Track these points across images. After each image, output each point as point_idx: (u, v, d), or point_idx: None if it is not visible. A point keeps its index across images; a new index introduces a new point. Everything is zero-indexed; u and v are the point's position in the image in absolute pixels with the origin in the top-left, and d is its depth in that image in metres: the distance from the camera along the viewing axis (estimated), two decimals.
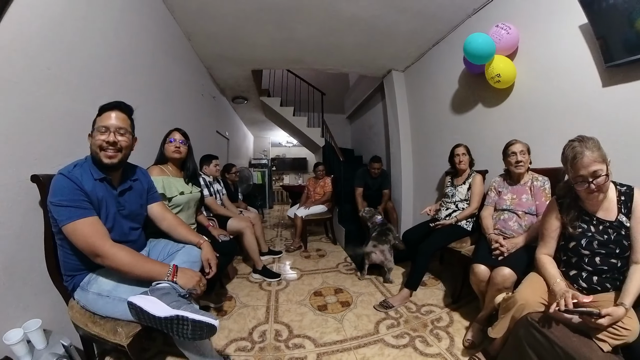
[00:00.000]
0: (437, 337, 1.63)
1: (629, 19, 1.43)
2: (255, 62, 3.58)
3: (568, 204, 1.19)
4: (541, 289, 1.18)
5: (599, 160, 1.03)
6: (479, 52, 2.11)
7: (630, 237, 1.07)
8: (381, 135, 4.47)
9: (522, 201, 1.71)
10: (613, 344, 0.95)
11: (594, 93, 1.66)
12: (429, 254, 1.99)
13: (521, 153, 1.70)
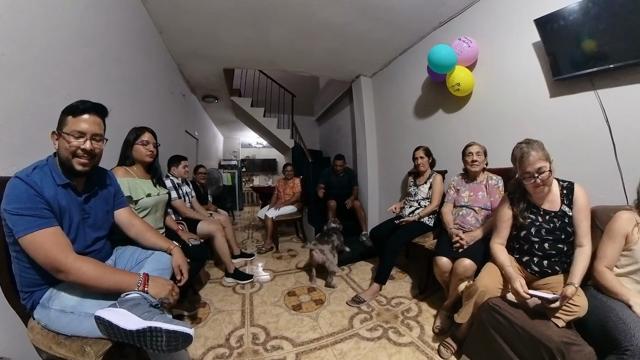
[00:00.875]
0: (409, 326, 1.71)
1: (576, 40, 1.64)
2: (227, 61, 3.45)
3: (518, 198, 1.34)
4: (499, 276, 1.30)
5: (543, 158, 1.18)
6: (442, 62, 2.27)
7: (573, 224, 1.23)
8: (348, 138, 4.57)
9: (479, 198, 1.85)
10: (566, 319, 1.09)
11: (542, 102, 1.88)
12: (395, 249, 2.08)
13: (477, 154, 1.86)
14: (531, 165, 1.19)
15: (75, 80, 1.42)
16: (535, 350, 1.07)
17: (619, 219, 1.12)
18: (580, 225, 1.21)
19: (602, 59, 1.56)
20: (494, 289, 1.26)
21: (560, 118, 1.78)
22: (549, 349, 1.02)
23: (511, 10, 2.02)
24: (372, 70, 3.58)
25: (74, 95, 1.23)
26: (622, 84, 1.53)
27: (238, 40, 2.81)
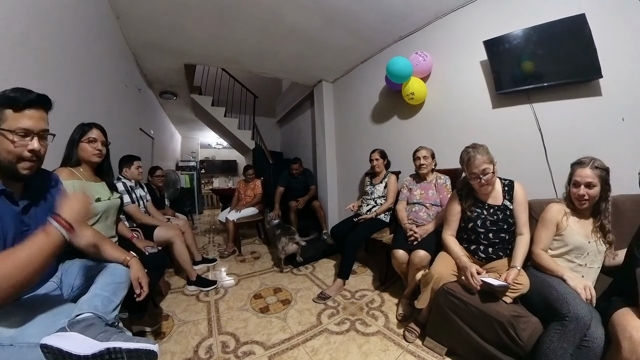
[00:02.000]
0: (374, 317, 1.77)
1: (517, 61, 1.90)
2: (189, 56, 3.15)
3: (465, 194, 1.49)
4: (451, 263, 1.43)
5: (487, 161, 1.33)
6: (399, 73, 2.42)
7: (513, 216, 1.41)
8: (309, 140, 4.59)
9: (429, 195, 2.00)
10: (512, 296, 1.23)
11: (486, 112, 2.14)
12: (355, 245, 2.14)
13: (424, 158, 2.01)
14: (477, 167, 1.33)
15: (7, 62, 1.12)
16: (489, 325, 1.19)
17: (550, 210, 1.29)
18: (520, 217, 1.39)
19: (538, 78, 1.84)
20: (448, 275, 1.37)
21: (501, 126, 2.06)
22: (501, 322, 1.15)
23: (464, 31, 2.26)
24: (334, 76, 3.64)
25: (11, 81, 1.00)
26: (552, 99, 1.84)
27: (202, 35, 2.60)
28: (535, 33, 1.80)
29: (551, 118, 1.84)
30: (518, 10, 1.94)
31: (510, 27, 1.89)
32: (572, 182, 1.22)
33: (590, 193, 1.16)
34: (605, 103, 1.66)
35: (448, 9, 2.31)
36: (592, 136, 1.68)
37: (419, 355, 1.40)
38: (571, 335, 0.96)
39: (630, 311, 0.90)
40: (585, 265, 1.19)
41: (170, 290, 2.16)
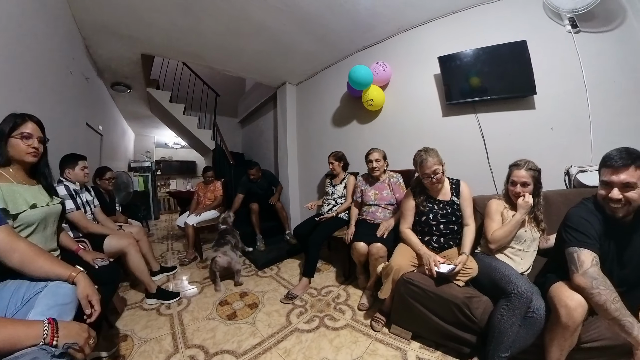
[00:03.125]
0: (341, 311, 1.79)
1: (466, 76, 2.14)
2: (148, 46, 2.78)
3: (419, 191, 1.62)
4: (409, 254, 1.53)
5: (437, 163, 1.48)
6: (361, 80, 2.51)
7: (460, 210, 1.56)
8: (270, 141, 4.49)
9: (384, 196, 2.04)
10: (464, 280, 1.36)
11: (437, 120, 2.37)
12: (318, 243, 2.16)
13: (376, 161, 2.04)
14: (429, 168, 1.47)
15: None
16: (446, 308, 1.31)
17: (493, 204, 1.45)
18: (466, 211, 1.55)
19: (483, 92, 2.10)
20: (406, 266, 1.46)
21: (449, 132, 2.29)
22: (457, 304, 1.27)
23: (421, 47, 2.48)
24: (298, 79, 3.61)
25: None
26: (494, 110, 2.12)
27: (164, 24, 2.33)
28: (484, 53, 2.07)
29: (493, 126, 2.13)
30: (470, 32, 2.20)
31: (462, 47, 2.14)
32: (510, 181, 1.40)
33: (526, 191, 1.34)
34: (538, 115, 1.98)
35: (409, 25, 2.50)
36: (526, 142, 1.98)
37: (387, 342, 1.47)
38: (517, 308, 1.09)
39: (564, 284, 1.03)
40: (523, 250, 1.37)
41: (127, 307, 1.90)
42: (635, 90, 1.75)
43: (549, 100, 1.94)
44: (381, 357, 1.37)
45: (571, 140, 1.88)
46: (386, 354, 1.39)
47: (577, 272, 0.96)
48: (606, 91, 1.80)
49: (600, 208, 1.04)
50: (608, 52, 1.82)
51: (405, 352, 1.39)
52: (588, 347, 1.05)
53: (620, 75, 1.79)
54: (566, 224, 1.09)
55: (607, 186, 0.99)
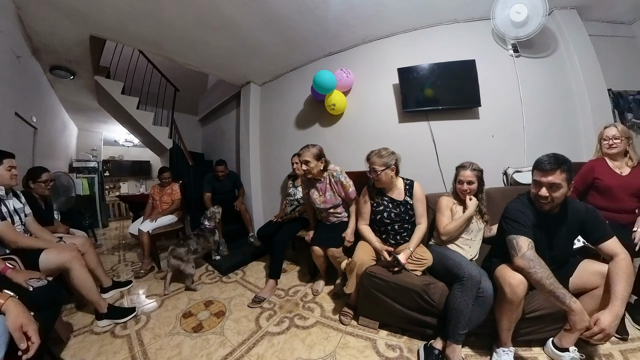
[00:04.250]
0: (310, 309, 1.78)
1: (421, 87, 2.33)
2: (99, 27, 2.34)
3: (376, 193, 1.69)
4: (370, 250, 1.60)
5: (378, 162, 1.55)
6: (324, 85, 2.55)
7: (413, 209, 1.66)
8: (232, 142, 4.27)
9: (328, 198, 1.90)
10: (421, 269, 1.47)
11: (393, 126, 2.54)
12: (283, 244, 2.13)
13: (305, 163, 1.81)
14: (371, 165, 1.58)
15: None
16: (408, 295, 1.40)
17: (443, 200, 1.58)
18: (418, 210, 1.64)
19: (435, 102, 2.32)
20: (368, 260, 1.52)
21: (405, 137, 2.46)
22: (416, 291, 1.37)
23: (383, 58, 2.63)
24: (263, 80, 3.49)
25: None
26: (445, 119, 2.38)
27: (121, 3, 1.96)
28: (438, 68, 2.29)
29: (443, 133, 2.37)
30: (427, 48, 2.44)
31: (420, 61, 2.35)
32: (457, 181, 1.55)
33: (471, 188, 1.50)
34: (481, 124, 2.30)
35: (374, 36, 2.64)
36: (471, 147, 2.24)
37: (357, 334, 1.51)
38: (469, 290, 1.22)
39: (506, 266, 1.18)
40: (471, 239, 1.52)
41: (74, 333, 1.59)
42: (561, 106, 2.19)
43: (491, 112, 2.27)
44: (353, 349, 1.40)
45: (508, 146, 2.23)
46: (357, 345, 1.43)
47: (516, 256, 1.11)
48: (538, 106, 2.21)
49: (532, 202, 1.21)
50: (541, 74, 2.24)
51: (374, 341, 1.45)
52: (531, 316, 1.25)
53: (550, 94, 2.22)
54: (505, 216, 1.24)
55: (538, 185, 1.15)
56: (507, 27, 2.14)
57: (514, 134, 2.22)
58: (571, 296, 1.01)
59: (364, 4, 2.15)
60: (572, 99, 2.19)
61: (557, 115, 2.20)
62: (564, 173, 1.09)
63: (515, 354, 1.23)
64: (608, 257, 1.12)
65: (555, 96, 2.21)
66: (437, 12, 2.30)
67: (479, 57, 2.24)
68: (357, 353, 1.37)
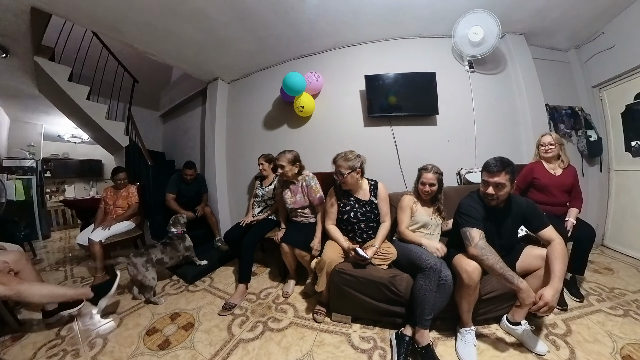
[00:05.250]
0: (283, 311, 1.76)
1: (386, 94, 2.48)
2: None
3: (342, 194, 1.75)
4: (338, 248, 1.65)
5: (345, 166, 1.61)
6: (294, 87, 2.56)
7: (378, 208, 1.74)
8: (197, 140, 4.01)
9: (297, 200, 2.01)
10: (387, 263, 1.56)
11: (359, 129, 2.68)
12: (251, 247, 2.07)
13: (281, 167, 1.96)
14: (338, 168, 1.63)
15: None
16: (376, 289, 1.47)
17: (404, 199, 1.71)
18: (382, 209, 1.72)
19: (398, 109, 2.50)
20: (337, 258, 1.56)
21: (369, 140, 2.62)
22: (384, 284, 1.45)
23: (352, 64, 2.73)
24: (231, 77, 3.35)
25: None
26: (406, 125, 2.58)
27: None
28: (402, 77, 2.48)
29: (404, 137, 2.57)
30: (393, 59, 2.65)
31: (386, 70, 2.52)
32: (420, 182, 1.67)
33: (433, 189, 1.64)
34: (439, 130, 2.56)
35: (344, 43, 2.74)
36: (429, 150, 2.48)
37: (331, 331, 1.54)
38: (431, 279, 1.32)
39: (462, 255, 1.32)
40: (431, 234, 1.66)
41: None
42: (506, 116, 2.56)
43: (447, 120, 2.54)
44: (328, 345, 1.42)
45: (461, 150, 2.52)
46: (332, 341, 1.45)
47: (470, 245, 1.25)
48: (487, 116, 2.53)
49: (482, 199, 1.37)
50: (491, 88, 2.59)
51: (349, 335, 1.49)
52: (486, 297, 1.41)
53: (497, 106, 2.56)
54: (459, 211, 1.39)
55: (486, 184, 1.32)
56: (465, 46, 2.40)
57: (467, 139, 2.52)
58: (519, 277, 1.18)
59: (338, 11, 2.21)
60: (516, 111, 2.56)
61: (503, 124, 2.55)
62: (508, 174, 1.26)
63: (477, 331, 1.38)
64: (546, 243, 1.32)
65: (502, 108, 2.57)
66: (404, 27, 2.49)
67: (438, 70, 2.48)
68: (333, 349, 1.39)
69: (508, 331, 1.39)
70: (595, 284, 1.96)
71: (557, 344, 1.35)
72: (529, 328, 1.34)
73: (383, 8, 2.20)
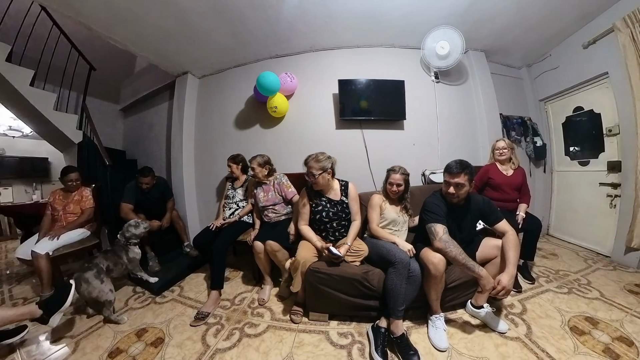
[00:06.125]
0: (259, 315, 1.72)
1: (358, 99, 2.61)
2: None
3: (314, 194, 1.78)
4: (311, 248, 1.67)
5: (316, 167, 1.64)
6: (268, 86, 2.54)
7: (348, 208, 1.80)
8: (162, 138, 3.71)
9: (269, 197, 2.08)
10: (359, 260, 1.62)
11: (331, 131, 2.79)
12: (223, 251, 1.98)
13: (252, 169, 2.09)
14: (310, 169, 1.66)
15: None
16: (350, 285, 1.52)
17: (374, 198, 1.77)
18: (353, 208, 1.78)
19: (369, 113, 2.65)
20: (311, 258, 1.58)
21: (341, 142, 2.74)
22: (357, 280, 1.51)
23: (327, 68, 2.81)
24: (203, 72, 3.18)
25: None
26: (376, 128, 2.75)
27: None
28: (373, 84, 2.63)
29: (374, 140, 2.75)
30: (366, 65, 2.76)
31: (358, 75, 2.67)
32: (388, 182, 1.77)
33: (400, 189, 1.74)
34: (405, 134, 2.78)
35: (321, 47, 2.81)
36: (397, 153, 2.69)
37: (310, 330, 1.55)
38: (401, 272, 1.40)
39: (428, 249, 1.43)
40: (399, 230, 1.77)
41: None
42: (466, 123, 2.87)
43: (414, 125, 2.78)
44: (308, 345, 1.43)
45: (426, 152, 2.75)
46: (312, 340, 1.46)
47: (435, 239, 1.38)
48: (449, 122, 2.79)
49: (444, 197, 1.51)
50: (454, 98, 2.86)
51: (327, 333, 1.52)
52: (452, 286, 1.56)
53: (458, 114, 2.84)
54: (424, 208, 1.52)
55: (447, 184, 1.46)
56: (433, 58, 2.62)
57: (431, 143, 2.76)
58: (479, 266, 1.32)
59: (316, 15, 2.25)
60: (474, 119, 2.87)
61: (463, 130, 2.85)
62: (467, 175, 1.40)
63: (445, 317, 1.51)
64: (501, 234, 1.49)
65: (462, 116, 2.86)
66: (378, 36, 2.64)
67: (407, 78, 2.68)
68: (313, 348, 1.40)
69: (473, 314, 1.53)
70: (544, 267, 2.27)
71: (515, 322, 1.54)
72: (491, 310, 1.50)
73: (360, 15, 2.30)
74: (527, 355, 1.28)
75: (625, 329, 1.42)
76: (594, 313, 1.57)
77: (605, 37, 2.28)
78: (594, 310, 1.60)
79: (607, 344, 1.31)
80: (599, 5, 2.22)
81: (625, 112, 2.19)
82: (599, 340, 1.34)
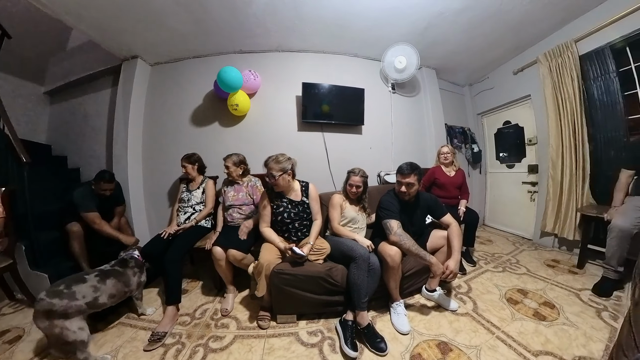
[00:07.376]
0: (225, 326, 1.60)
1: (320, 102, 2.72)
2: None
3: (275, 195, 1.76)
4: (274, 250, 1.63)
5: (276, 168, 1.62)
6: (230, 82, 2.43)
7: (309, 208, 1.79)
8: (102, 131, 3.13)
9: (239, 197, 2.04)
10: (322, 258, 1.68)
11: (293, 133, 2.85)
12: (177, 261, 1.78)
13: (226, 167, 2.04)
14: (270, 170, 1.63)
15: None
16: (315, 283, 1.55)
17: (335, 198, 1.86)
18: (314, 208, 1.79)
19: (330, 117, 2.78)
20: (274, 260, 1.56)
21: (302, 144, 2.82)
22: (322, 277, 1.56)
23: (291, 69, 2.84)
24: (156, 59, 2.83)
25: None
26: (336, 132, 2.93)
27: None
28: (335, 89, 2.77)
29: (334, 143, 2.91)
30: (330, 71, 2.89)
31: (322, 80, 2.78)
32: (348, 184, 1.88)
33: (359, 190, 1.87)
34: (363, 138, 3.03)
35: (287, 48, 2.82)
36: (355, 155, 2.91)
37: (279, 334, 1.52)
38: (362, 267, 1.49)
39: (385, 243, 1.56)
40: (358, 227, 1.89)
41: None
42: (416, 131, 3.31)
43: (370, 129, 3.05)
44: (279, 349, 1.39)
45: (381, 155, 3.04)
46: (282, 344, 1.43)
47: (390, 234, 1.53)
48: (402, 129, 3.11)
49: (397, 195, 1.68)
50: (407, 108, 3.20)
51: (297, 334, 1.51)
52: (408, 274, 1.73)
53: (410, 122, 3.19)
54: (380, 206, 1.68)
55: (399, 184, 1.64)
56: (391, 70, 2.87)
57: (385, 147, 3.02)
58: (430, 255, 1.51)
59: (286, 15, 2.25)
60: (424, 127, 3.29)
61: (414, 136, 3.21)
62: (416, 176, 1.60)
63: (405, 303, 1.66)
64: (446, 226, 1.71)
65: (413, 124, 3.23)
66: (344, 44, 2.79)
67: (367, 87, 2.91)
68: (284, 352, 1.37)
69: (428, 298, 1.73)
70: (482, 252, 2.69)
71: (463, 300, 1.78)
72: (443, 292, 1.70)
73: (328, 22, 2.38)
74: (476, 327, 1.49)
75: (548, 295, 1.78)
76: (523, 285, 1.93)
77: (531, 67, 2.83)
78: (524, 283, 1.97)
79: (536, 309, 1.62)
80: (529, 40, 2.73)
81: (541, 127, 2.79)
82: (530, 307, 1.65)
